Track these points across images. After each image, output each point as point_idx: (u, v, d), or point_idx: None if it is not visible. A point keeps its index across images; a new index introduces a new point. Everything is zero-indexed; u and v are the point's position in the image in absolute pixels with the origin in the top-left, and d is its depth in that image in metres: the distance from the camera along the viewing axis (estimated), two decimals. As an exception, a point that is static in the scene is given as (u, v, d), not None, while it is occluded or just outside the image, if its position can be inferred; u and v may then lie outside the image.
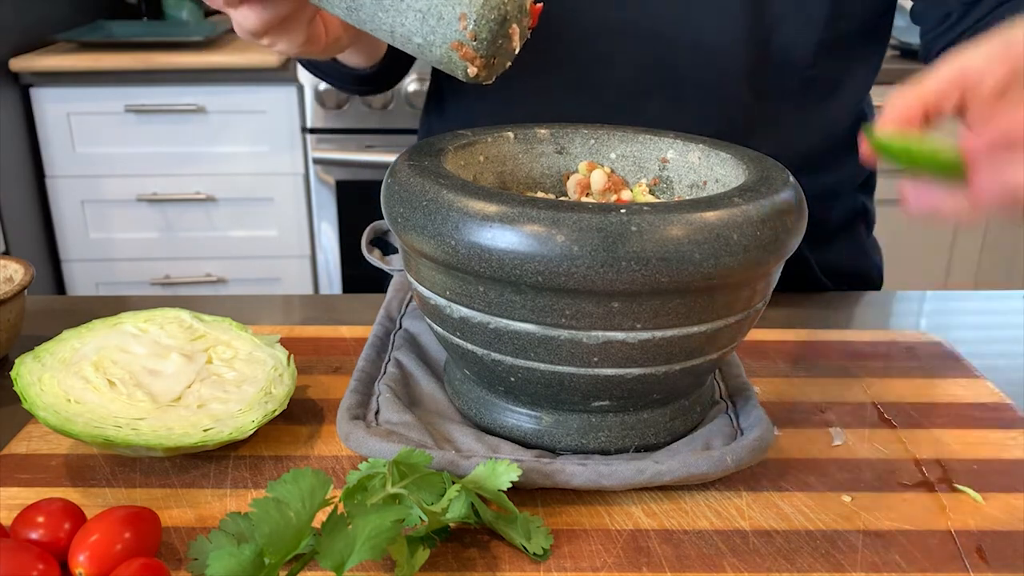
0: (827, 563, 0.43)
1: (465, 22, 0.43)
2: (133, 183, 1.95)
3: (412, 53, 0.46)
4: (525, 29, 0.46)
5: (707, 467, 0.46)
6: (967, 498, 0.48)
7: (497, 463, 0.44)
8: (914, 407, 0.58)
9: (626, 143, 0.59)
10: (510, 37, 0.45)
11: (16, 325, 0.62)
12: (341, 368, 0.61)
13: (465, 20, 0.43)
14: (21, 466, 0.50)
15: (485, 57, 0.44)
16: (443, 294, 0.47)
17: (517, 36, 0.45)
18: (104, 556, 0.39)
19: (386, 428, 0.50)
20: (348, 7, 0.46)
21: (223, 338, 0.57)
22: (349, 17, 0.47)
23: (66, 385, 0.50)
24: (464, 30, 0.43)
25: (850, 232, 0.86)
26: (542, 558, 0.43)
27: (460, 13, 0.43)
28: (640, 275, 0.41)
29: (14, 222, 1.88)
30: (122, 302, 0.74)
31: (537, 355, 0.46)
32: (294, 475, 0.40)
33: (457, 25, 0.43)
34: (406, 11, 0.44)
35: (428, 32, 0.44)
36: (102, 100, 1.87)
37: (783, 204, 0.46)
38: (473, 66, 0.44)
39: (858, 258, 0.87)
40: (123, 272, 2.03)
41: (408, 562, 0.41)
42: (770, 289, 0.49)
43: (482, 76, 0.45)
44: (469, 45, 0.43)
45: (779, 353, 0.64)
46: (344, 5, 0.46)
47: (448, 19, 0.43)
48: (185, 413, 0.49)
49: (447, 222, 0.44)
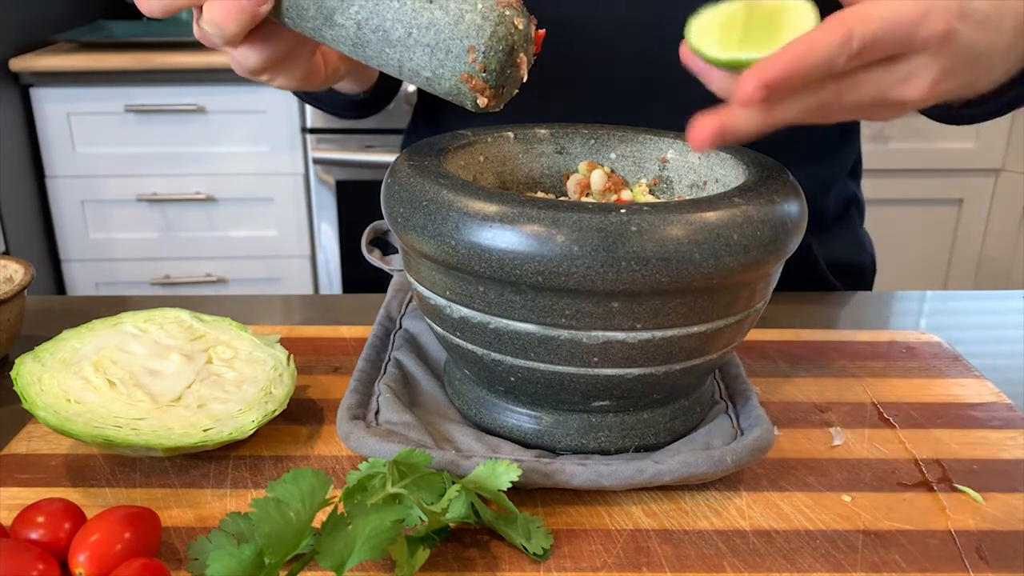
0: (827, 563, 0.43)
1: (474, 54, 0.43)
2: (133, 183, 1.95)
3: (420, 86, 0.46)
4: (531, 56, 0.46)
5: (707, 467, 0.46)
6: (967, 498, 0.48)
7: (497, 463, 0.44)
8: (914, 407, 0.58)
9: (626, 143, 0.59)
10: (518, 66, 0.45)
11: (16, 325, 0.62)
12: (341, 368, 0.61)
13: (474, 52, 0.43)
14: (21, 466, 0.50)
15: (495, 87, 0.44)
16: (443, 294, 0.47)
17: (525, 65, 0.45)
18: (104, 556, 0.39)
19: (386, 428, 0.50)
20: (354, 44, 0.46)
21: (223, 338, 0.57)
22: (355, 53, 0.46)
23: (66, 385, 0.50)
24: (473, 62, 0.43)
25: (845, 222, 0.86)
26: (542, 558, 0.43)
27: (468, 46, 0.43)
28: (640, 275, 0.41)
29: (14, 222, 1.88)
30: (122, 302, 0.74)
31: (537, 355, 0.46)
32: (294, 475, 0.40)
33: (466, 57, 0.43)
34: (414, 46, 0.44)
35: (437, 66, 0.44)
36: (102, 100, 1.87)
37: (783, 204, 0.46)
38: (483, 96, 0.44)
39: (853, 248, 0.88)
40: (123, 272, 2.03)
41: (408, 562, 0.41)
42: (770, 289, 0.49)
43: (491, 105, 0.45)
44: (479, 77, 0.44)
45: (779, 353, 0.65)
46: (350, 42, 0.46)
47: (457, 52, 0.43)
48: (185, 413, 0.49)
49: (447, 222, 0.44)
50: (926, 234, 2.08)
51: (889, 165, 1.98)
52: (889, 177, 2.00)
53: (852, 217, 0.88)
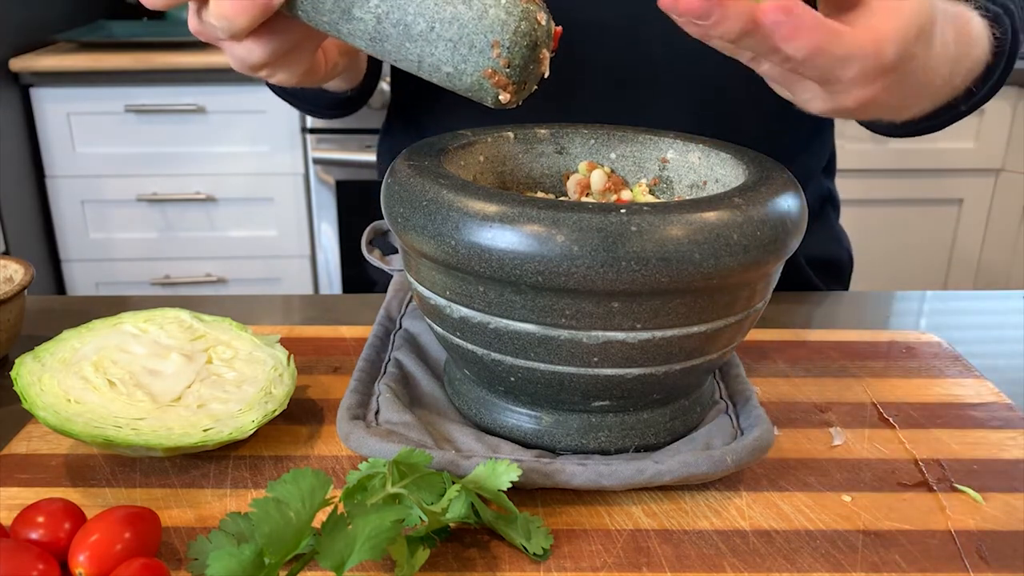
0: (827, 563, 0.43)
1: (499, 49, 0.43)
2: (133, 183, 1.95)
3: (438, 82, 0.46)
4: (551, 52, 0.46)
5: (707, 467, 0.46)
6: (967, 498, 0.48)
7: (497, 463, 0.44)
8: (914, 407, 0.58)
9: (626, 143, 0.59)
10: (540, 62, 0.45)
11: (16, 325, 0.62)
12: (341, 368, 0.61)
13: (498, 48, 0.43)
14: (21, 466, 0.50)
15: (517, 83, 0.44)
16: (443, 294, 0.47)
17: (547, 61, 0.45)
18: (104, 556, 0.39)
19: (386, 428, 0.50)
20: (372, 38, 0.45)
21: (223, 338, 0.57)
22: (371, 48, 0.45)
23: (66, 385, 0.50)
24: (498, 58, 0.43)
25: (821, 219, 0.86)
26: (542, 558, 0.43)
27: (493, 41, 0.43)
28: (640, 275, 0.41)
29: (14, 222, 1.88)
30: (122, 302, 0.74)
31: (537, 355, 0.46)
32: (294, 475, 0.40)
33: (490, 53, 0.43)
34: (436, 40, 0.43)
35: (459, 61, 0.44)
36: (102, 100, 1.87)
37: (783, 204, 0.46)
38: (506, 92, 0.44)
39: (830, 244, 0.88)
40: (123, 272, 2.03)
41: (408, 562, 0.41)
42: (770, 289, 0.49)
43: (512, 101, 0.45)
44: (502, 72, 0.43)
45: (779, 353, 0.65)
46: (368, 37, 0.45)
47: (480, 47, 0.43)
48: (185, 413, 0.49)
49: (447, 222, 0.44)
50: (926, 234, 2.08)
51: (889, 165, 1.98)
52: (889, 177, 2.00)
53: (828, 213, 0.88)
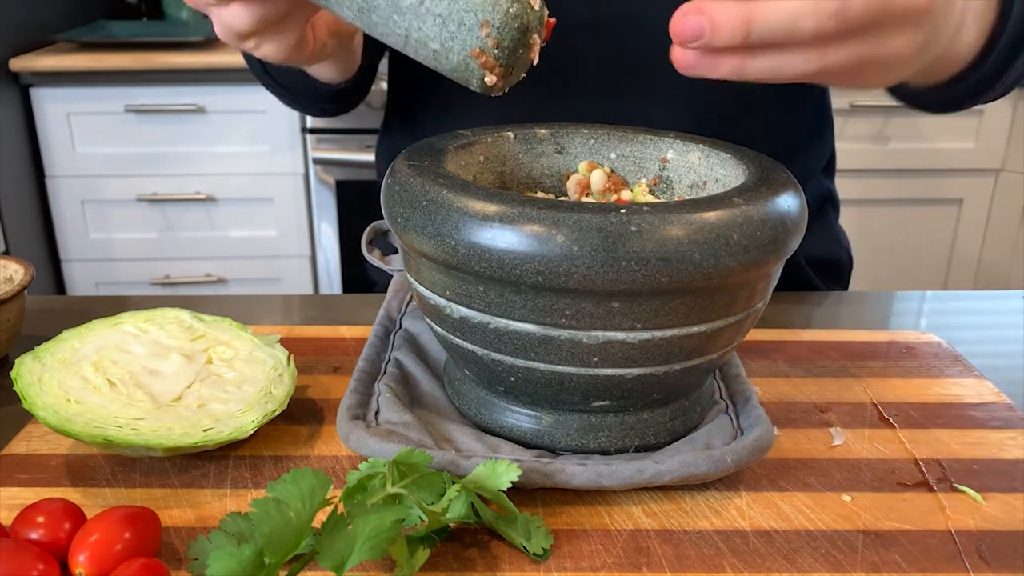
0: (827, 563, 0.43)
1: (488, 29, 0.42)
2: (133, 183, 1.95)
3: (423, 60, 0.45)
4: (542, 41, 0.45)
5: (707, 467, 0.46)
6: (967, 498, 0.48)
7: (497, 463, 0.44)
8: (914, 407, 0.58)
9: (626, 143, 0.59)
10: (530, 47, 0.44)
11: (16, 325, 0.62)
12: (341, 368, 0.61)
13: (488, 27, 0.42)
14: (21, 466, 0.50)
15: (505, 66, 0.43)
16: (443, 294, 0.47)
17: (536, 48, 0.44)
18: (104, 556, 0.39)
19: (386, 428, 0.50)
20: (360, 8, 0.44)
21: (223, 338, 0.57)
22: (359, 20, 0.45)
23: (66, 385, 0.50)
24: (487, 37, 0.42)
25: (821, 218, 0.86)
26: (542, 558, 0.43)
27: (483, 19, 0.42)
28: (640, 275, 0.41)
29: (14, 222, 1.88)
30: (122, 302, 0.74)
31: (537, 355, 0.46)
32: (294, 475, 0.40)
33: (479, 32, 0.42)
34: (425, 15, 0.43)
35: (447, 38, 0.43)
36: (102, 100, 1.87)
37: (783, 204, 0.46)
38: (492, 74, 0.43)
39: (830, 244, 0.88)
40: (123, 272, 2.03)
41: (408, 562, 0.41)
42: (770, 289, 0.49)
43: (498, 86, 0.44)
44: (490, 53, 0.43)
45: (779, 353, 0.65)
46: (356, 7, 0.44)
47: (470, 25, 0.42)
48: (185, 413, 0.49)
49: (447, 222, 0.44)
50: (926, 234, 2.08)
51: (889, 165, 1.98)
52: (889, 177, 2.00)
53: (828, 213, 0.88)
